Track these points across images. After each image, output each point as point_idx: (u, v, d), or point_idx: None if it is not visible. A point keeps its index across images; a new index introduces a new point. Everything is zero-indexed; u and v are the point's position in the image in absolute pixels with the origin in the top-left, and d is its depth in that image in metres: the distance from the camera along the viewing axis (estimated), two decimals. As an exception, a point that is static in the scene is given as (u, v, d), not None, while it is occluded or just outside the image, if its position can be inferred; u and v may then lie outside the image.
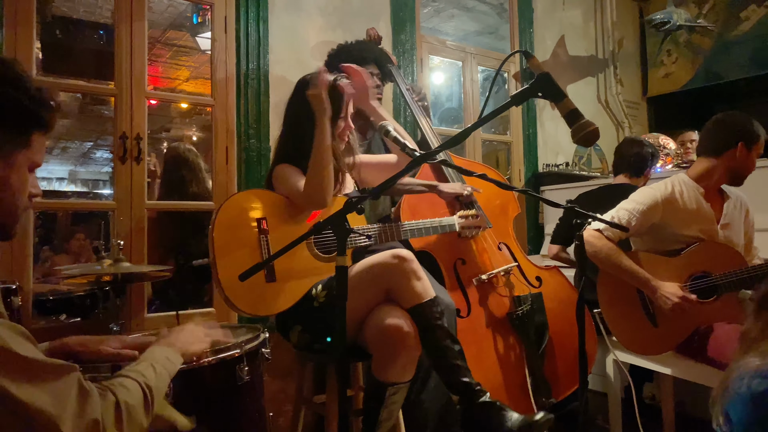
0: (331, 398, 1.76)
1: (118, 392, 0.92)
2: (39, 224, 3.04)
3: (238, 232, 1.73)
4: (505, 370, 2.17)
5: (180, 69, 5.46)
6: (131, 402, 0.92)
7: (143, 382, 0.98)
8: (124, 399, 0.91)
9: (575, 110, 1.13)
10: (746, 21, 4.50)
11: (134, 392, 0.95)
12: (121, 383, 0.95)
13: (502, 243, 2.37)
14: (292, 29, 2.97)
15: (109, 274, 1.87)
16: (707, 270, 2.06)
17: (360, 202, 1.18)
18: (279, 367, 2.28)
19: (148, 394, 0.98)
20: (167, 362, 1.10)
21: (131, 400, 0.93)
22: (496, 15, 4.78)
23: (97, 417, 0.84)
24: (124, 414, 0.90)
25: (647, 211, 2.12)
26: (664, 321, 2.07)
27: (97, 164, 8.47)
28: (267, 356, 1.60)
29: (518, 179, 4.09)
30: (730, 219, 2.16)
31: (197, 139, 6.33)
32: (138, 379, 0.98)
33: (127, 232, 2.42)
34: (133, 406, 0.93)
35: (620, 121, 4.78)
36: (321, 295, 1.73)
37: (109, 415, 0.87)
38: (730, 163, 2.12)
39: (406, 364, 1.64)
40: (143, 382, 0.98)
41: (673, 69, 4.99)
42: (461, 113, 4.14)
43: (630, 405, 2.21)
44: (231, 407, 1.45)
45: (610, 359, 2.35)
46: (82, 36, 3.72)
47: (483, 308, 2.21)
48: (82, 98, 5.51)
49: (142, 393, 0.97)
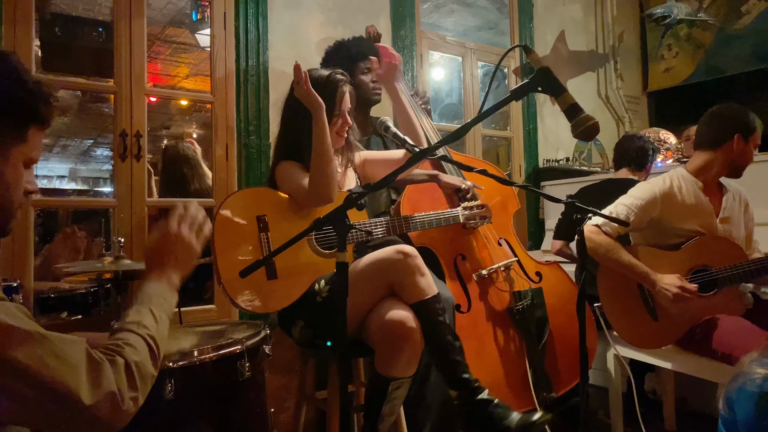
0: (332, 394, 1.76)
1: (126, 353, 0.91)
2: (39, 222, 3.03)
3: (239, 230, 1.73)
4: (506, 364, 2.17)
5: (179, 66, 5.45)
6: (139, 359, 0.92)
7: (146, 335, 0.97)
8: (133, 359, 0.90)
9: (575, 104, 1.13)
10: (747, 15, 4.49)
11: (141, 349, 0.94)
12: (126, 341, 0.93)
13: (502, 238, 2.37)
14: (291, 26, 2.97)
15: (110, 272, 1.88)
16: (707, 264, 2.07)
17: (360, 198, 1.18)
18: (280, 363, 2.29)
19: (153, 346, 0.97)
20: (163, 303, 1.07)
21: (139, 357, 0.92)
22: (496, 10, 4.77)
23: (113, 389, 0.84)
24: (136, 374, 0.89)
25: (645, 206, 2.12)
26: (664, 315, 2.08)
27: (98, 162, 8.47)
28: (268, 352, 1.61)
29: (518, 175, 4.09)
30: (730, 212, 2.16)
31: (197, 136, 6.33)
32: (141, 332, 0.97)
33: (127, 229, 2.42)
34: (142, 362, 0.92)
35: (621, 116, 4.77)
36: (324, 290, 1.73)
37: (123, 382, 0.87)
38: (727, 156, 2.12)
39: (410, 359, 1.64)
40: (146, 335, 0.97)
41: (674, 63, 4.97)
42: (461, 109, 4.13)
43: (631, 399, 2.22)
44: (232, 403, 1.45)
45: (610, 354, 2.35)
46: (81, 33, 3.71)
47: (483, 303, 2.21)
48: (81, 96, 5.51)
49: (148, 347, 0.96)
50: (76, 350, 0.85)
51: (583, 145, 4.46)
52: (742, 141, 2.09)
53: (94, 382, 0.83)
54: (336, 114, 1.89)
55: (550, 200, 1.44)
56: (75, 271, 2.06)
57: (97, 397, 0.82)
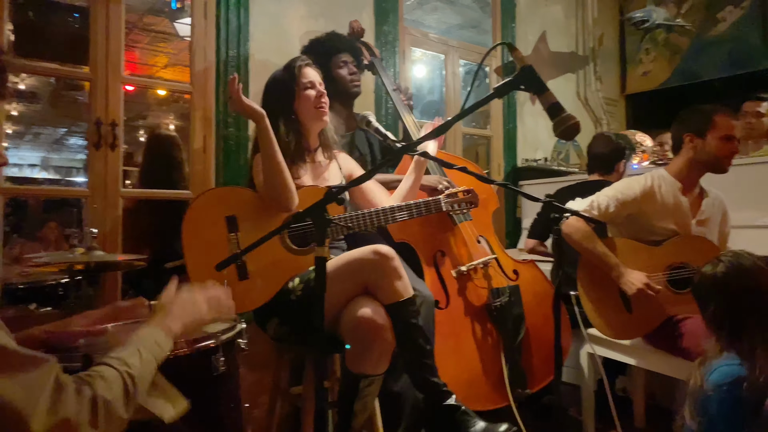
0: (308, 390, 1.75)
1: (97, 386, 0.86)
2: (9, 212, 2.95)
3: (208, 231, 1.72)
4: (483, 360, 2.19)
5: (158, 55, 5.35)
6: (109, 397, 0.87)
7: (125, 372, 0.92)
8: (101, 393, 0.86)
9: (557, 103, 1.14)
10: (723, 22, 4.58)
11: (114, 384, 0.89)
12: (100, 374, 0.89)
13: (481, 236, 2.38)
14: (274, 17, 2.93)
15: (81, 263, 1.83)
16: (686, 262, 2.12)
17: (340, 193, 1.17)
18: (255, 358, 2.26)
19: (129, 384, 0.92)
20: (155, 347, 1.03)
21: (109, 394, 0.87)
22: (479, 9, 4.79)
23: (69, 416, 0.80)
24: (101, 410, 0.84)
25: (626, 201, 2.19)
26: (638, 307, 2.12)
27: (71, 151, 8.30)
28: (243, 347, 1.59)
29: (497, 173, 4.12)
30: (707, 216, 2.23)
31: (175, 127, 6.23)
32: (120, 368, 0.92)
33: (101, 220, 2.37)
34: (111, 401, 0.87)
35: (599, 117, 4.83)
36: (298, 288, 1.72)
37: (84, 413, 0.82)
38: (688, 156, 2.20)
39: (379, 356, 1.63)
40: (125, 372, 0.92)
41: (651, 67, 5.05)
42: (443, 106, 4.14)
43: (601, 397, 2.25)
44: (206, 398, 1.43)
45: (584, 352, 2.39)
46: (56, 18, 3.62)
47: (462, 299, 2.23)
48: (55, 83, 5.38)
49: (123, 384, 0.91)
50: (42, 372, 0.80)
51: (561, 146, 4.51)
52: (696, 139, 2.17)
53: (50, 409, 0.79)
54: (300, 88, 1.90)
55: (528, 199, 1.45)
56: (45, 261, 2.01)
57: (48, 426, 0.78)
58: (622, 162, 2.90)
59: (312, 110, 1.92)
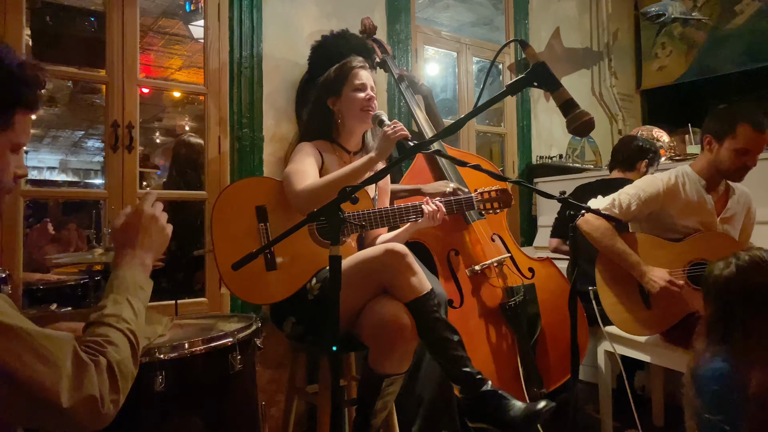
0: (323, 388, 1.76)
1: (109, 353, 0.89)
2: (29, 213, 3.00)
3: (238, 221, 1.73)
4: (498, 360, 2.18)
5: (172, 57, 5.40)
6: (121, 358, 0.90)
7: (127, 330, 0.95)
8: (115, 359, 0.88)
9: (571, 100, 1.13)
10: (740, 15, 4.50)
11: (122, 346, 0.92)
12: (108, 339, 0.91)
13: (495, 234, 2.37)
14: (285, 17, 2.95)
15: (100, 263, 1.86)
16: (706, 258, 2.09)
17: (354, 192, 1.18)
18: (271, 356, 2.28)
19: (134, 341, 0.95)
20: (140, 292, 1.04)
21: (120, 356, 0.90)
22: (492, 6, 4.76)
23: (95, 393, 0.82)
24: (118, 375, 0.88)
25: (648, 198, 2.16)
26: (657, 304, 2.10)
27: (89, 153, 8.40)
28: (259, 346, 1.60)
29: (512, 171, 4.09)
30: (732, 213, 2.19)
31: (189, 128, 6.28)
32: (122, 327, 0.94)
33: (118, 221, 2.40)
34: (124, 361, 0.90)
35: (614, 113, 4.78)
36: (315, 288, 1.73)
37: (105, 385, 0.85)
38: (709, 158, 2.16)
39: (403, 355, 1.64)
40: (127, 330, 0.95)
41: (667, 62, 4.99)
42: (456, 104, 4.13)
43: (619, 395, 2.23)
44: (223, 396, 1.45)
45: (601, 350, 2.37)
46: (72, 23, 3.66)
47: (476, 299, 2.22)
48: (72, 86, 5.44)
49: (129, 343, 0.93)
50: (61, 349, 0.82)
51: (576, 143, 4.47)
52: (715, 143, 2.12)
53: (75, 385, 0.81)
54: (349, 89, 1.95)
55: (543, 196, 1.44)
56: (65, 262, 2.05)
57: (75, 400, 0.80)
58: (644, 162, 2.85)
59: (357, 112, 1.95)
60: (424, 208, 1.86)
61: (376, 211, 1.82)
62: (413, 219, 1.86)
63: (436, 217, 1.88)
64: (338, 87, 1.97)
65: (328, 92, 2.00)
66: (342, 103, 1.97)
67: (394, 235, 1.98)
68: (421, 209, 1.86)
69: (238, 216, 1.73)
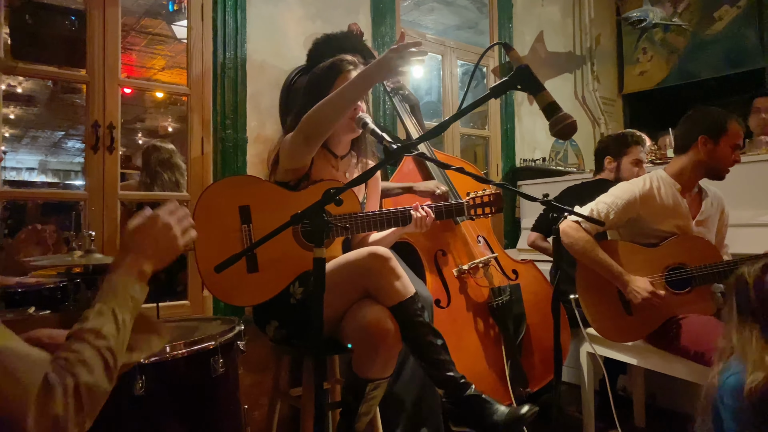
0: (307, 391, 1.75)
1: (79, 373, 0.85)
2: (7, 215, 2.95)
3: (220, 221, 1.69)
4: (484, 359, 2.19)
5: (155, 58, 5.34)
6: (91, 381, 0.86)
7: (103, 347, 0.90)
8: (84, 380, 0.85)
9: (553, 103, 1.14)
10: (719, 21, 4.59)
11: (95, 365, 0.88)
12: (79, 358, 0.87)
13: (481, 236, 2.39)
14: (270, 19, 2.94)
15: (79, 266, 1.83)
16: (684, 262, 2.11)
17: (338, 194, 1.17)
18: (254, 360, 2.26)
19: (109, 359, 0.90)
20: (129, 302, 0.99)
21: (91, 378, 0.86)
22: (476, 9, 4.79)
23: (58, 414, 0.80)
24: (86, 397, 0.84)
25: (625, 205, 2.16)
26: (638, 310, 2.11)
27: (69, 154, 8.28)
28: (242, 349, 1.59)
29: (496, 174, 4.12)
30: (707, 216, 2.22)
31: (172, 129, 6.23)
32: (99, 345, 0.90)
33: (99, 223, 2.37)
34: (94, 383, 0.86)
35: (596, 117, 4.84)
36: (297, 291, 1.71)
37: (70, 406, 0.82)
38: (697, 158, 2.17)
39: (386, 360, 1.63)
40: (103, 347, 0.90)
41: (649, 67, 5.06)
42: (440, 107, 4.14)
43: (601, 397, 2.25)
44: (205, 400, 1.43)
45: (583, 351, 2.39)
46: (53, 21, 3.61)
47: (463, 298, 2.23)
48: (53, 86, 5.37)
49: (103, 362, 0.89)
50: (33, 370, 0.81)
51: (559, 146, 4.52)
52: (710, 142, 2.13)
53: (41, 409, 0.79)
54: None
55: (526, 199, 1.45)
56: (43, 264, 2.01)
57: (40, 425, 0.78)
58: (608, 158, 2.82)
59: (345, 120, 1.82)
60: (413, 214, 1.84)
61: (362, 215, 1.80)
62: (401, 224, 1.85)
63: (424, 223, 1.84)
64: (326, 89, 1.84)
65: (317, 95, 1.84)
66: None
67: (382, 236, 1.97)
68: (409, 215, 1.83)
69: (220, 216, 1.70)
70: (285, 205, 1.75)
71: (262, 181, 1.82)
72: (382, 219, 1.81)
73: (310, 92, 1.89)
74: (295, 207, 1.73)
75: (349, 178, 1.95)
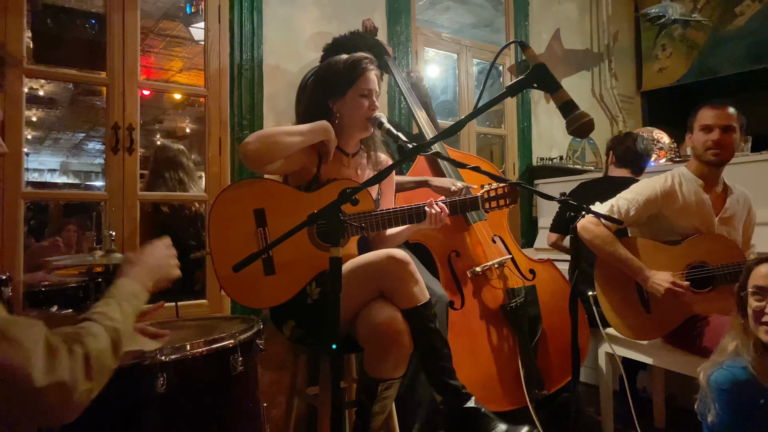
0: (324, 390, 1.76)
1: (87, 342, 0.89)
2: (30, 216, 3.01)
3: (235, 224, 1.71)
4: (499, 361, 2.18)
5: (173, 60, 5.40)
6: (99, 348, 0.91)
7: (110, 326, 0.97)
8: (93, 348, 0.89)
9: (570, 101, 1.13)
10: (741, 16, 4.51)
11: (102, 338, 0.93)
12: (88, 330, 0.93)
13: (497, 235, 2.37)
14: (286, 20, 2.95)
15: (100, 265, 1.86)
16: (705, 261, 2.08)
17: (354, 193, 1.18)
18: (272, 358, 2.28)
19: (116, 338, 0.96)
20: (133, 299, 1.10)
21: (99, 346, 0.91)
22: (492, 8, 4.77)
23: (64, 379, 0.82)
24: (94, 365, 0.88)
25: (646, 202, 2.14)
26: (657, 308, 2.09)
27: (89, 155, 8.41)
28: (261, 347, 1.60)
29: (512, 172, 4.10)
30: (731, 213, 2.18)
31: (190, 130, 6.30)
32: (105, 323, 0.97)
33: (119, 223, 2.40)
34: (102, 351, 0.91)
35: (614, 115, 4.78)
36: (314, 291, 1.72)
37: (78, 371, 0.85)
38: (692, 153, 2.22)
39: (397, 361, 1.63)
40: (110, 326, 0.97)
41: (668, 63, 4.99)
42: (456, 106, 4.13)
43: (620, 397, 2.23)
44: (225, 398, 1.45)
45: (602, 352, 2.36)
46: (73, 25, 3.67)
47: (477, 300, 2.22)
48: (74, 88, 5.46)
49: (110, 338, 0.95)
50: (31, 333, 0.83)
51: (576, 144, 4.47)
52: (690, 133, 2.20)
53: (47, 368, 0.81)
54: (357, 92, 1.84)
55: (544, 198, 1.44)
56: (65, 264, 2.05)
57: (48, 381, 0.80)
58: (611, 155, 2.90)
59: (360, 119, 1.85)
60: (428, 210, 1.84)
61: (377, 213, 1.80)
62: (415, 221, 1.84)
63: (439, 218, 1.84)
64: (344, 87, 1.85)
65: (332, 92, 1.87)
66: (345, 105, 1.86)
67: (398, 230, 1.97)
68: (423, 211, 1.83)
69: (235, 219, 1.71)
70: (299, 206, 1.76)
71: (276, 183, 1.82)
72: (397, 216, 1.81)
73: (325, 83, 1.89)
74: (309, 208, 1.75)
75: (360, 175, 1.95)
